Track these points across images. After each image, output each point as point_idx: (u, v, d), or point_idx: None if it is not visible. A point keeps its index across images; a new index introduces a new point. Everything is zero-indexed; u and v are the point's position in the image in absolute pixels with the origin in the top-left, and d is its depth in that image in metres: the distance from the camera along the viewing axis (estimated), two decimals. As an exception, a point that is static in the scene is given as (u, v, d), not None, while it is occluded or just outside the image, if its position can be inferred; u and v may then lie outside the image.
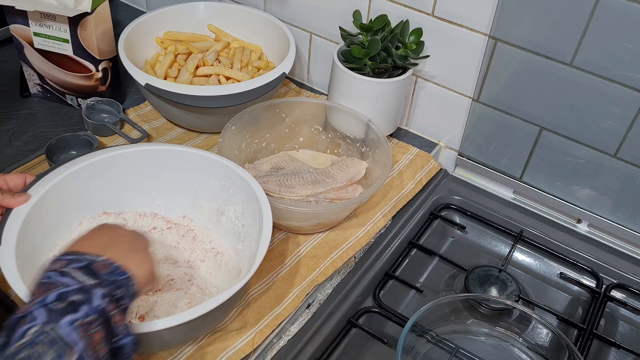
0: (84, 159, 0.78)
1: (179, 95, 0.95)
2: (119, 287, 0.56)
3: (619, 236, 0.99)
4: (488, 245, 1.01)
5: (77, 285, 0.52)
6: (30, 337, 0.47)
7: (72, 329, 0.49)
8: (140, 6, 1.43)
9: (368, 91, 1.00)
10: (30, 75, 1.08)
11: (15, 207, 0.70)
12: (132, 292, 0.58)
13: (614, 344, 0.85)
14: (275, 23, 1.14)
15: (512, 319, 0.87)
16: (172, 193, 0.85)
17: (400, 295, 0.90)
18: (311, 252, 0.88)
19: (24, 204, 0.70)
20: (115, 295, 0.55)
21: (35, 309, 0.50)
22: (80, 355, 0.48)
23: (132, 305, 0.58)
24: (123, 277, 0.57)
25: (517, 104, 0.98)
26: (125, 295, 0.56)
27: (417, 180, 1.03)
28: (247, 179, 0.79)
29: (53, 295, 0.51)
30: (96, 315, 0.51)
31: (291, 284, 0.83)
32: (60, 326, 0.49)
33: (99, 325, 0.51)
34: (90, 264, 0.55)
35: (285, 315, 0.80)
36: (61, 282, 0.52)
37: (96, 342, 0.50)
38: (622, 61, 0.84)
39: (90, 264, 0.55)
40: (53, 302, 0.50)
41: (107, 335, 0.52)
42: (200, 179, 0.84)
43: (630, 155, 0.91)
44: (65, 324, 0.49)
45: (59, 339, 0.48)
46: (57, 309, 0.50)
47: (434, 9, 0.98)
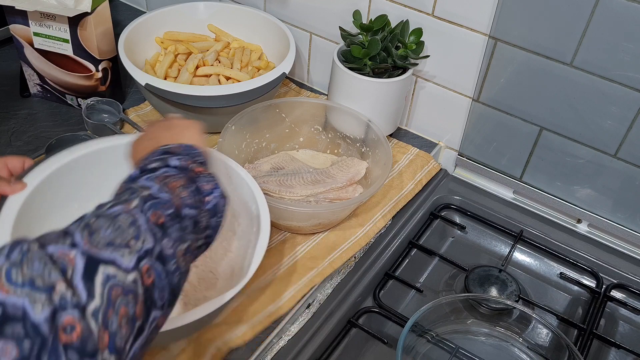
0: (81, 148, 0.77)
1: (179, 95, 0.95)
2: (196, 155, 0.60)
3: (619, 236, 0.99)
4: (488, 245, 1.01)
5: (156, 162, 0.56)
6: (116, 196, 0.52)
7: (148, 180, 0.53)
8: (140, 6, 1.43)
9: (368, 91, 1.00)
10: (30, 75, 1.08)
11: (11, 194, 0.69)
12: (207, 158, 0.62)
13: (614, 344, 0.85)
14: (275, 23, 1.14)
15: (512, 319, 0.87)
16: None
17: (400, 295, 0.90)
18: (310, 253, 0.88)
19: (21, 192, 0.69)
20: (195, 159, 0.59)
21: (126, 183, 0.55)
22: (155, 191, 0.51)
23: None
24: (197, 150, 0.61)
25: (517, 104, 0.98)
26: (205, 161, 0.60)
27: (417, 180, 1.03)
28: (245, 176, 0.79)
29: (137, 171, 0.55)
30: (175, 171, 0.55)
31: (288, 283, 0.83)
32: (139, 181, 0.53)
33: (179, 178, 0.54)
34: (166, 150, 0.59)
35: (280, 313, 0.80)
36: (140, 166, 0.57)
37: (175, 186, 0.53)
38: (622, 61, 0.84)
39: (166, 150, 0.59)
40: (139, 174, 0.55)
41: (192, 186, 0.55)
42: None
43: (630, 155, 0.92)
44: (142, 178, 0.53)
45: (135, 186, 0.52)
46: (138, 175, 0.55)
47: (434, 9, 0.98)
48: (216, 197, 0.57)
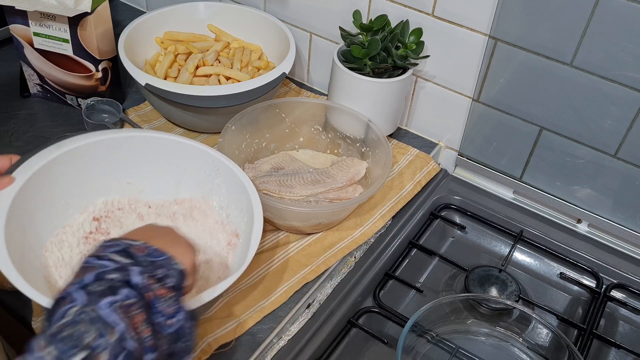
0: (69, 142, 0.77)
1: (179, 95, 0.95)
2: (159, 267, 0.55)
3: (619, 236, 0.99)
4: (488, 245, 1.01)
5: (114, 265, 0.52)
6: (72, 317, 0.47)
7: (112, 310, 0.48)
8: (140, 6, 1.43)
9: (368, 91, 1.00)
10: (30, 75, 1.08)
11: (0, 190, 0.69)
12: (177, 270, 0.56)
13: (614, 344, 0.85)
14: (275, 23, 1.14)
15: (512, 319, 0.87)
16: (154, 179, 0.85)
17: (400, 295, 0.90)
18: (306, 250, 0.89)
19: (9, 187, 0.69)
20: (156, 274, 0.54)
21: (74, 290, 0.49)
22: (122, 335, 0.47)
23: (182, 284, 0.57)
24: (162, 258, 0.56)
25: (517, 104, 0.98)
26: (169, 274, 0.55)
27: (416, 180, 1.03)
28: (236, 170, 0.80)
29: (91, 276, 0.51)
30: (136, 297, 0.50)
31: (281, 279, 0.84)
32: (100, 307, 0.48)
33: (139, 308, 0.50)
34: (128, 247, 0.55)
35: (271, 308, 0.80)
36: (99, 264, 0.52)
37: (137, 324, 0.49)
38: (622, 61, 0.84)
39: (128, 247, 0.55)
40: (91, 283, 0.50)
41: (154, 322, 0.51)
42: (184, 167, 0.84)
43: (630, 155, 0.91)
44: (105, 305, 0.48)
45: (100, 319, 0.47)
46: (96, 290, 0.49)
47: (434, 9, 0.98)
48: (180, 321, 0.53)
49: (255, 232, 0.72)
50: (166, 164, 0.84)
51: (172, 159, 0.83)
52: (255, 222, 0.74)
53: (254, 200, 0.76)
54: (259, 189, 0.85)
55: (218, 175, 0.82)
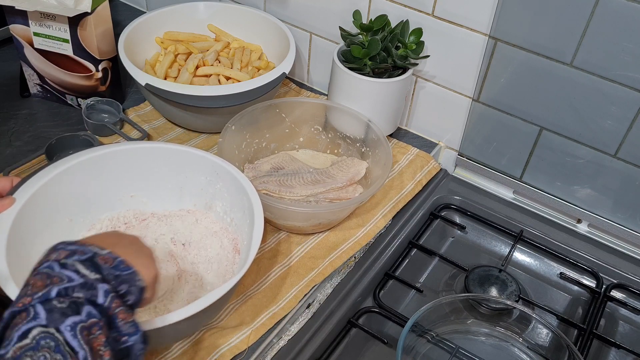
0: (68, 160, 0.78)
1: (179, 95, 0.95)
2: (123, 282, 0.53)
3: (619, 236, 0.99)
4: (488, 245, 1.01)
5: (79, 280, 0.50)
6: (33, 341, 0.45)
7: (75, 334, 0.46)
8: (140, 6, 1.43)
9: (368, 91, 1.00)
10: (30, 75, 1.08)
11: (1, 211, 0.69)
12: (138, 287, 0.55)
13: (614, 344, 0.85)
14: (275, 23, 1.14)
15: (512, 319, 0.87)
16: (157, 190, 0.85)
17: (400, 295, 0.90)
18: (310, 253, 0.88)
19: (10, 208, 0.70)
20: (120, 290, 0.53)
21: (36, 304, 0.47)
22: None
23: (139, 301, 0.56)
24: (127, 272, 0.54)
25: (517, 104, 0.98)
26: (131, 290, 0.54)
27: (417, 180, 1.03)
28: (235, 173, 0.80)
29: (55, 291, 0.48)
30: (98, 316, 0.49)
31: (289, 283, 0.83)
32: (62, 330, 0.46)
33: (100, 328, 0.48)
34: (94, 256, 0.53)
35: (282, 314, 0.80)
36: (64, 275, 0.50)
37: (98, 347, 0.48)
38: (622, 61, 0.84)
39: (94, 256, 0.53)
40: (55, 299, 0.48)
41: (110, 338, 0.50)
42: (186, 175, 0.84)
43: (630, 155, 0.91)
44: (68, 328, 0.46)
45: (63, 344, 0.45)
46: (59, 307, 0.47)
47: (434, 9, 0.98)
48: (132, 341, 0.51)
49: (256, 232, 0.72)
50: (167, 173, 0.84)
51: (172, 167, 0.83)
52: (255, 222, 0.74)
53: (254, 201, 0.76)
54: (259, 189, 0.86)
55: (219, 180, 0.82)
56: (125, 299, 0.53)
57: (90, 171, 0.80)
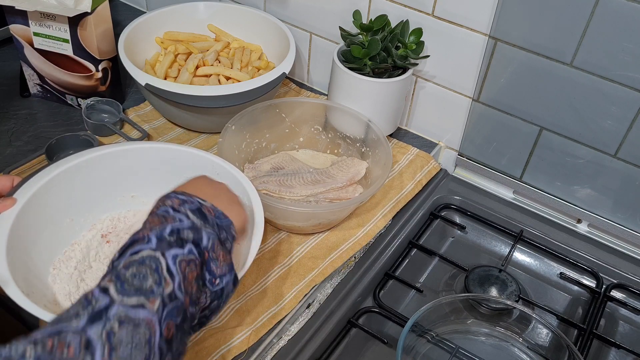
0: (69, 160, 0.78)
1: (179, 95, 0.95)
2: (222, 230, 0.62)
3: (619, 236, 0.99)
4: (488, 245, 1.01)
5: (189, 223, 0.58)
6: (141, 257, 0.53)
7: (175, 261, 0.54)
8: (140, 6, 1.43)
9: (368, 91, 1.00)
10: (30, 75, 1.08)
11: (1, 211, 0.70)
12: (232, 235, 0.63)
13: (614, 344, 0.85)
14: (275, 23, 1.14)
15: (512, 319, 0.87)
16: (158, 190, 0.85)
17: (400, 295, 0.90)
18: (310, 253, 0.88)
19: (11, 208, 0.70)
20: (221, 237, 0.61)
21: (152, 235, 0.55)
22: (175, 288, 0.52)
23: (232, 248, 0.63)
24: (226, 223, 0.63)
25: (517, 104, 0.98)
26: (228, 238, 0.62)
27: (417, 180, 1.03)
28: (235, 173, 0.80)
29: (168, 228, 0.56)
30: (197, 256, 0.56)
31: (289, 283, 0.83)
32: (167, 255, 0.54)
33: (195, 266, 0.56)
34: (200, 207, 0.61)
35: (283, 314, 0.80)
36: (177, 218, 0.58)
37: (190, 279, 0.55)
38: (622, 61, 0.84)
39: (200, 207, 0.61)
40: (167, 234, 0.56)
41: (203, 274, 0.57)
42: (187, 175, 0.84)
43: (630, 155, 0.92)
44: (170, 257, 0.54)
45: (161, 269, 0.52)
46: (168, 240, 0.55)
47: (434, 9, 0.98)
48: (225, 283, 0.60)
49: (256, 233, 0.72)
50: (167, 173, 0.83)
51: (172, 168, 0.83)
52: (256, 223, 0.74)
53: (254, 202, 0.76)
54: (259, 189, 0.85)
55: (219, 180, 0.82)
56: (224, 245, 0.61)
57: (90, 171, 0.80)
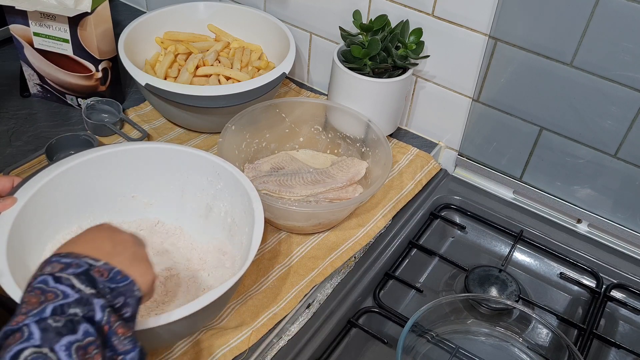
0: (69, 160, 0.78)
1: (179, 95, 0.95)
2: (119, 295, 0.52)
3: (619, 236, 0.99)
4: (488, 245, 1.01)
5: (75, 295, 0.48)
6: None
7: (70, 353, 0.45)
8: (140, 6, 1.43)
9: (368, 91, 1.00)
10: (30, 75, 1.08)
11: (2, 211, 0.69)
12: (136, 297, 0.54)
13: (614, 344, 0.85)
14: (275, 23, 1.14)
15: (512, 319, 0.87)
16: (158, 191, 0.85)
17: (400, 295, 0.90)
18: (310, 253, 0.88)
19: (11, 208, 0.70)
20: (116, 304, 0.51)
21: (30, 323, 0.45)
22: None
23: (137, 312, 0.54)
24: (124, 283, 0.53)
25: (517, 104, 0.98)
26: (128, 303, 0.53)
27: (417, 180, 1.03)
28: (235, 173, 0.80)
29: (49, 308, 0.47)
30: (95, 335, 0.47)
31: (289, 283, 0.83)
32: (57, 350, 0.44)
33: (97, 347, 0.47)
34: (89, 269, 0.51)
35: (283, 314, 0.80)
36: (59, 291, 0.48)
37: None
38: (622, 61, 0.84)
39: (89, 269, 0.51)
40: (50, 317, 0.46)
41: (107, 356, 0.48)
42: (187, 175, 0.84)
43: (630, 155, 0.92)
44: (63, 347, 0.45)
45: None
46: (55, 327, 0.46)
47: (434, 9, 0.98)
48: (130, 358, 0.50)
49: (257, 233, 0.72)
50: (168, 174, 0.84)
51: (173, 168, 0.83)
52: (256, 223, 0.74)
53: (254, 202, 0.76)
54: (259, 189, 0.85)
55: (220, 180, 0.82)
56: (122, 311, 0.52)
57: (90, 171, 0.80)
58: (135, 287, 0.54)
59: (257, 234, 0.72)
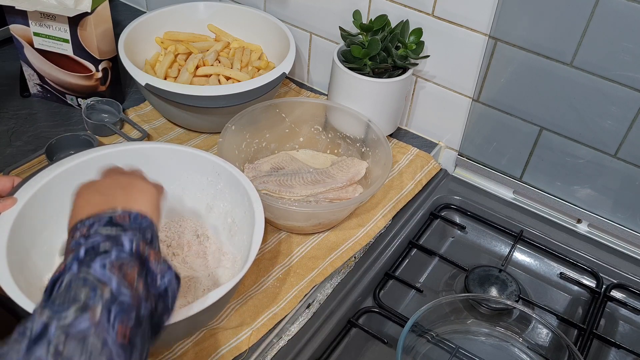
0: (69, 160, 0.78)
1: (179, 95, 0.95)
2: (145, 230, 0.56)
3: (619, 236, 0.99)
4: (488, 245, 1.01)
5: (103, 237, 0.53)
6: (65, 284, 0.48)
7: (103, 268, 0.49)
8: (140, 6, 1.43)
9: (368, 91, 1.00)
10: (30, 75, 1.08)
11: (2, 211, 0.70)
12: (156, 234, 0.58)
13: (614, 344, 0.85)
14: (275, 23, 1.14)
15: (512, 319, 0.87)
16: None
17: (400, 295, 0.90)
18: (310, 253, 0.88)
19: (12, 208, 0.70)
20: (146, 238, 0.55)
21: (69, 263, 0.50)
22: (115, 288, 0.48)
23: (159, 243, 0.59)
24: (146, 223, 0.57)
25: (517, 104, 0.98)
26: (153, 238, 0.57)
27: (417, 180, 1.03)
28: (235, 173, 0.80)
29: (83, 250, 0.51)
30: (128, 257, 0.52)
31: (289, 283, 0.83)
32: (92, 269, 0.49)
33: (132, 266, 0.51)
34: (111, 218, 0.55)
35: (283, 314, 0.80)
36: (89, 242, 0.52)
37: (132, 278, 0.50)
38: (622, 61, 0.84)
39: (111, 218, 0.55)
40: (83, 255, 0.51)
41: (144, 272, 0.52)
42: (187, 175, 0.84)
43: (630, 155, 0.92)
44: (97, 266, 0.49)
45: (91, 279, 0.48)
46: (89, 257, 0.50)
47: (434, 9, 0.98)
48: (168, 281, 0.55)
49: (257, 233, 0.72)
50: (168, 173, 0.83)
51: (173, 168, 0.83)
52: (256, 223, 0.74)
53: (255, 202, 0.76)
54: (259, 189, 0.86)
55: (220, 180, 0.82)
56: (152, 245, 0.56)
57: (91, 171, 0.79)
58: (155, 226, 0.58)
59: (258, 234, 0.72)
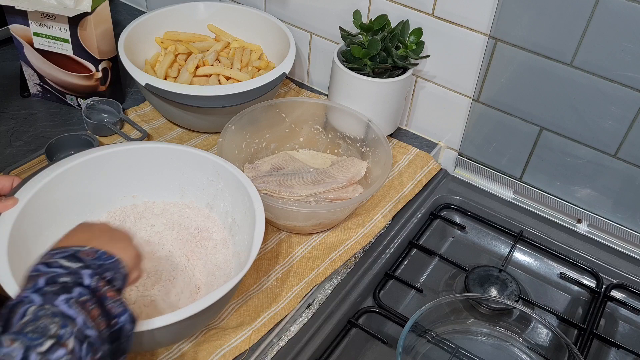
0: (70, 160, 0.78)
1: (179, 95, 0.95)
2: (107, 270, 0.56)
3: (619, 236, 0.99)
4: (488, 245, 1.01)
5: (64, 270, 0.53)
6: (31, 315, 0.48)
7: (69, 306, 0.50)
8: (140, 6, 1.43)
9: (368, 91, 1.00)
10: (30, 75, 1.08)
11: (3, 211, 0.70)
12: (123, 274, 0.58)
13: (614, 344, 0.85)
14: (275, 23, 1.14)
15: (512, 319, 0.87)
16: (158, 190, 0.85)
17: (400, 295, 0.90)
18: (310, 253, 0.88)
19: (12, 208, 0.70)
20: (105, 276, 0.55)
21: (29, 294, 0.50)
22: (83, 325, 0.49)
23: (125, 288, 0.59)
24: (110, 261, 0.57)
25: (517, 104, 0.98)
26: (116, 277, 0.57)
27: (417, 180, 1.03)
28: (236, 173, 0.80)
29: (42, 280, 0.52)
30: (89, 294, 0.52)
31: (289, 283, 0.83)
32: (57, 304, 0.49)
33: (94, 303, 0.52)
34: (76, 252, 0.56)
35: (283, 314, 0.80)
36: (49, 271, 0.53)
37: (95, 317, 0.51)
38: (622, 61, 0.84)
39: (76, 252, 0.56)
40: (45, 287, 0.51)
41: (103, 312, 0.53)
42: (187, 175, 0.84)
43: (630, 155, 0.92)
44: (61, 302, 0.50)
45: (59, 313, 0.49)
46: (51, 290, 0.51)
47: (434, 9, 0.98)
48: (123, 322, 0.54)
49: (257, 233, 0.72)
50: (168, 173, 0.84)
51: (173, 168, 0.83)
52: (256, 223, 0.74)
53: (255, 202, 0.76)
54: (259, 189, 0.85)
55: (220, 180, 0.82)
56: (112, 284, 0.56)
57: (91, 171, 0.80)
58: (122, 264, 0.58)
59: (258, 234, 0.72)
